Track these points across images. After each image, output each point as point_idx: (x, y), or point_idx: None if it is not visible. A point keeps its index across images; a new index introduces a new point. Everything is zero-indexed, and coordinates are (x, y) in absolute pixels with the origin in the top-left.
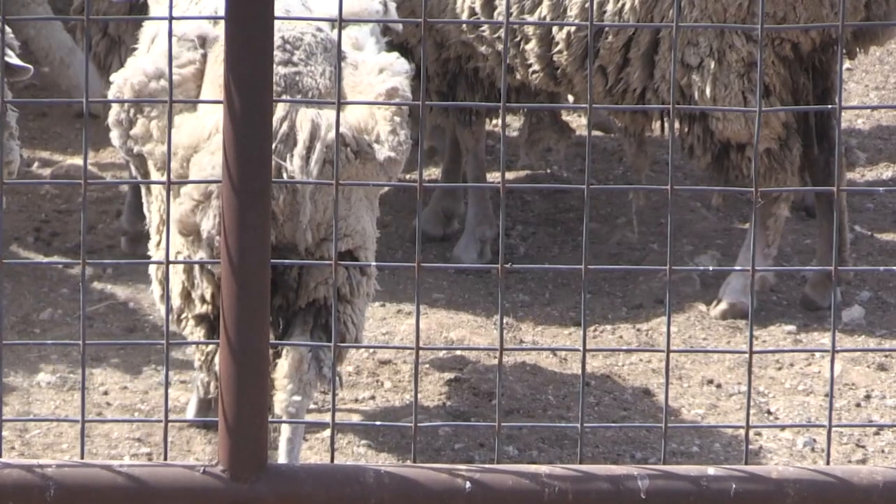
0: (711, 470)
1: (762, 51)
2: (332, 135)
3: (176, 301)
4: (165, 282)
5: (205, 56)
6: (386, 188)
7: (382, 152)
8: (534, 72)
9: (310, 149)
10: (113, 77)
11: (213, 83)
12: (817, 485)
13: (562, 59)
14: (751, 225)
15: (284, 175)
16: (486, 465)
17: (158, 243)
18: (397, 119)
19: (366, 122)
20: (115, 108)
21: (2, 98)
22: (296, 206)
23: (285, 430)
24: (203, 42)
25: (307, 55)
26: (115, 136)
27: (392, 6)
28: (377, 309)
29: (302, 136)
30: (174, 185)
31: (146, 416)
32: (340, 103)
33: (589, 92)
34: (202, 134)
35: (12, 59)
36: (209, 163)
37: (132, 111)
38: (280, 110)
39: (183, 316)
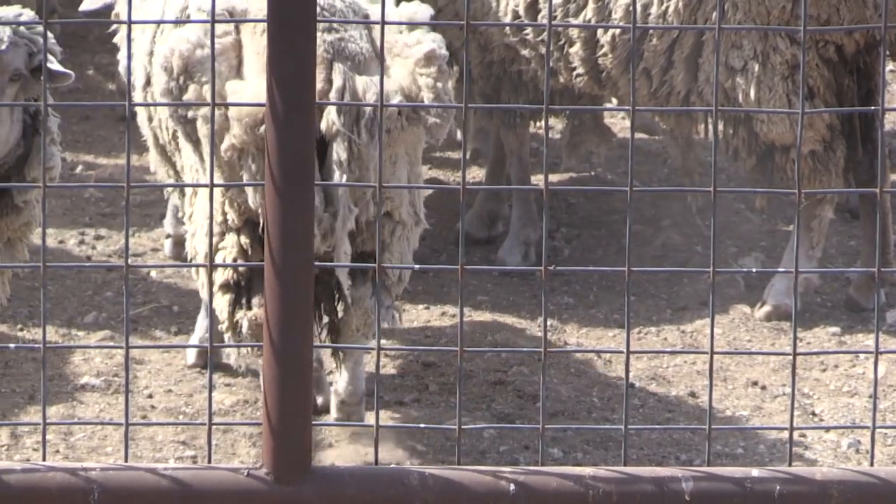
0: (755, 471)
1: (805, 53)
2: (392, 104)
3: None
4: (208, 286)
5: (237, 28)
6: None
7: (429, 119)
8: (578, 75)
9: (374, 119)
10: (157, 49)
11: (255, 53)
12: (861, 486)
13: (606, 62)
14: (794, 227)
15: (352, 146)
16: (530, 468)
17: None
18: (440, 85)
19: (410, 88)
20: (162, 78)
21: (44, 103)
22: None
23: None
24: (231, 15)
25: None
26: (163, 106)
27: None
28: (421, 311)
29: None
30: (217, 187)
31: (191, 419)
32: (383, 105)
33: (632, 94)
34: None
35: (54, 64)
36: None
37: (182, 79)
38: (337, 79)
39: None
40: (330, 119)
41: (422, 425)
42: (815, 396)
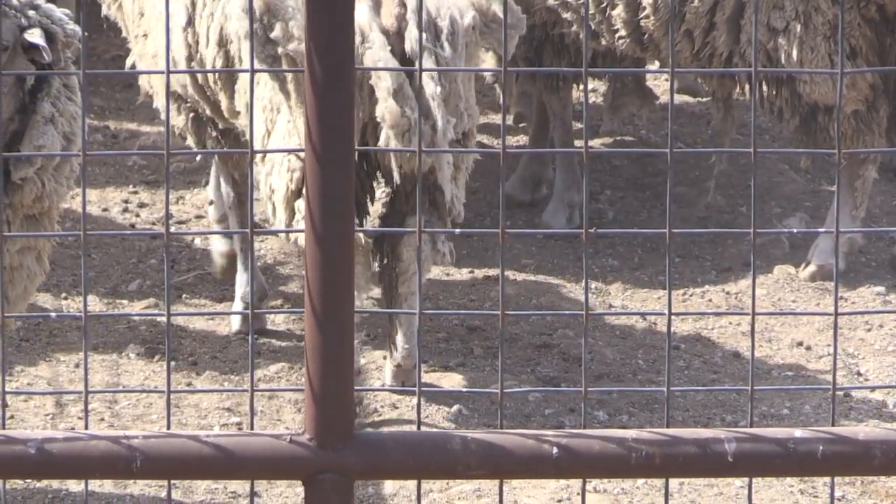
0: (798, 432)
1: (845, 12)
2: (468, 19)
3: None
4: (250, 251)
5: None
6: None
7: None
8: (620, 37)
9: (454, 33)
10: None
11: None
12: None
13: (648, 24)
14: (836, 186)
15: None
16: (573, 431)
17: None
18: None
19: (481, 3)
20: (242, 21)
21: (83, 70)
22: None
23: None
24: None
25: None
26: (247, 49)
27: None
28: (465, 275)
29: (444, 23)
30: (257, 153)
31: (235, 386)
32: (422, 70)
33: (671, 56)
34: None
35: (33, 37)
36: (385, 58)
37: (266, 18)
38: (411, 0)
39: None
40: (413, 37)
41: (464, 389)
42: (860, 356)
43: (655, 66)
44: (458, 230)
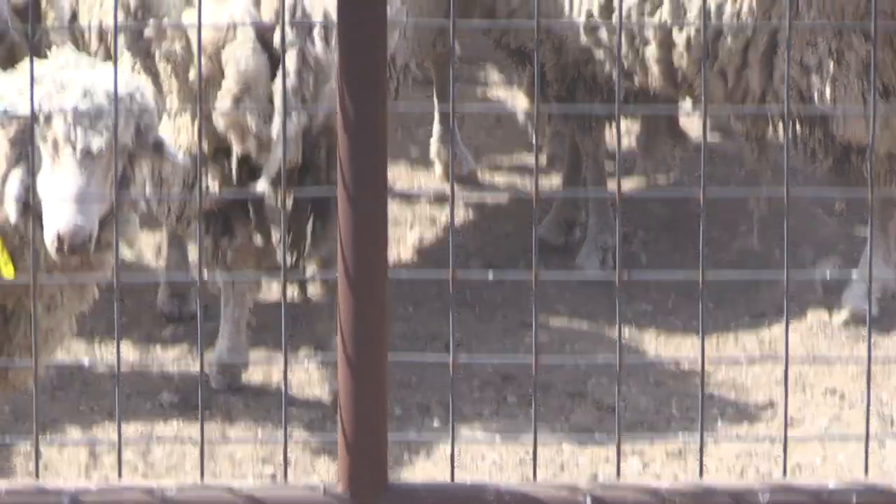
0: (832, 483)
1: (878, 49)
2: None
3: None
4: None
5: None
6: None
7: None
8: (653, 76)
9: (326, 28)
10: None
11: None
12: None
13: (682, 63)
14: (870, 229)
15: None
16: (607, 482)
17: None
18: None
19: None
20: (119, 15)
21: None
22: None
23: None
24: None
25: None
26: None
27: None
28: (499, 321)
29: (317, 18)
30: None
31: (269, 435)
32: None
33: (703, 95)
34: (221, 29)
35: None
36: (242, 55)
37: (140, 13)
38: None
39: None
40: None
41: (497, 438)
42: (894, 404)
43: (688, 105)
44: (490, 275)
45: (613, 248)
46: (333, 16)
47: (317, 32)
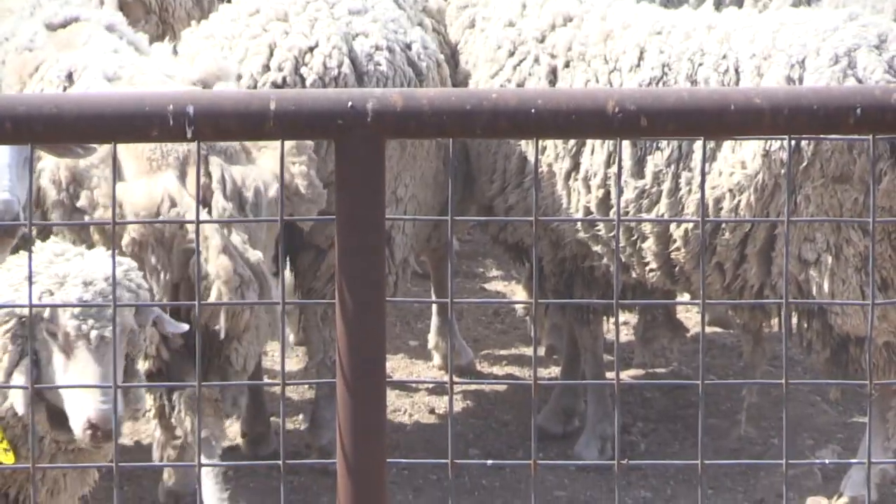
0: None
1: (876, 243)
2: (272, 191)
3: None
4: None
5: None
6: None
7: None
8: (651, 270)
9: (257, 205)
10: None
11: (133, 157)
12: None
13: (679, 257)
14: (869, 418)
15: None
16: None
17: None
18: (311, 172)
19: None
20: (51, 191)
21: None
22: None
23: None
24: None
25: None
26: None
27: None
28: None
29: (248, 193)
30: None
31: None
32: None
33: (702, 288)
34: (155, 199)
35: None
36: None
37: (72, 188)
38: (215, 171)
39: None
40: (220, 206)
41: None
42: None
43: (686, 298)
44: (489, 462)
45: (612, 437)
46: (264, 192)
47: (249, 208)
